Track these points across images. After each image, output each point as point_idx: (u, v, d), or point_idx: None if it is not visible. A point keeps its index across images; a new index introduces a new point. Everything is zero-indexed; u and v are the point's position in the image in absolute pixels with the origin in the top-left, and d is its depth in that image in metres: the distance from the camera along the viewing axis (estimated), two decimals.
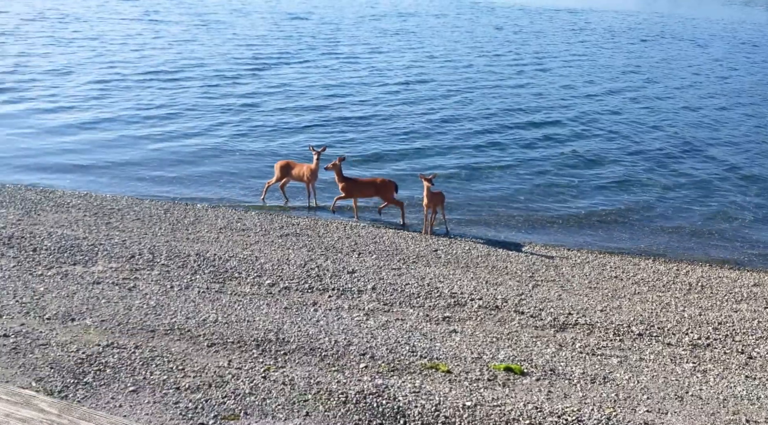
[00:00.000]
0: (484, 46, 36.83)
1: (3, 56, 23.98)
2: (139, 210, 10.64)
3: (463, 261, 9.73)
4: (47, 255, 8.28)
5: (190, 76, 22.66)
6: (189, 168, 13.52)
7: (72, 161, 13.35)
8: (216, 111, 18.23)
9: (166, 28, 36.31)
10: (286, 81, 22.99)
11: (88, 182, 12.30)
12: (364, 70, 26.51)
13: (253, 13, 51.32)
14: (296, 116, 18.33)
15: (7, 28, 31.50)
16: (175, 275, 8.07)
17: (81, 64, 23.37)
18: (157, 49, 27.86)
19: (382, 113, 19.31)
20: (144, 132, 15.70)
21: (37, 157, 13.45)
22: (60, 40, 28.98)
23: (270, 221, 10.80)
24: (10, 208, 10.13)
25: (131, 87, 20.34)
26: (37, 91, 18.88)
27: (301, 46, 32.51)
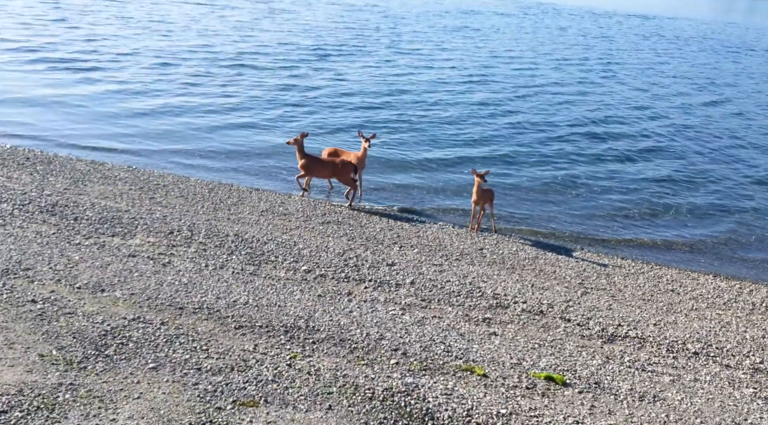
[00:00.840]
0: (548, 48, 35.96)
1: (72, 36, 24.63)
2: (184, 188, 10.57)
3: (509, 262, 9.28)
4: (87, 225, 8.23)
5: (251, 63, 22.74)
6: (240, 153, 13.43)
7: (125, 143, 13.34)
8: (274, 100, 18.14)
9: (231, 14, 36.74)
10: (345, 73, 22.87)
11: (138, 161, 12.32)
12: (425, 65, 26.22)
13: (316, 3, 51.54)
14: (353, 108, 18.13)
15: (79, 7, 32.40)
16: (211, 254, 7.90)
17: (145, 48, 23.75)
18: (220, 36, 28.14)
19: (439, 109, 18.97)
20: (200, 119, 15.70)
21: (95, 138, 13.57)
22: (127, 22, 29.64)
23: (313, 207, 10.57)
24: (59, 177, 10.19)
25: (193, 73, 20.46)
26: (101, 71, 19.14)
27: (363, 38, 32.41)
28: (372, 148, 11.19)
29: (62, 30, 24.94)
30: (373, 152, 13.58)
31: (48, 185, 9.64)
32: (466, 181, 12.41)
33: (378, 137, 14.03)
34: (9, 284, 6.29)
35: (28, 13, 28.40)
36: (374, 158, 13.57)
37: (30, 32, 23.67)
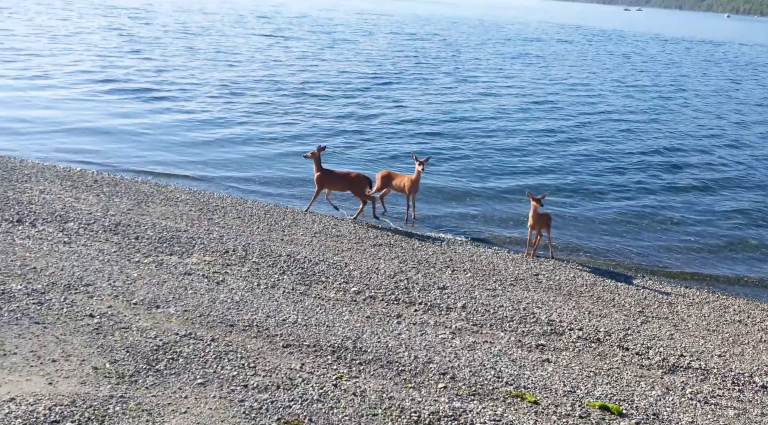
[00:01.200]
0: (613, 74, 35.40)
1: (145, 67, 25.82)
2: (241, 209, 10.80)
3: (566, 288, 9.02)
4: (147, 244, 8.49)
5: (313, 92, 23.20)
6: (298, 179, 13.50)
7: (187, 169, 13.66)
8: (333, 128, 18.38)
9: (296, 45, 37.81)
10: (405, 100, 23.09)
11: (199, 185, 12.64)
12: (485, 92, 26.18)
13: (377, 33, 52.45)
14: (412, 135, 18.18)
15: (150, 39, 34.03)
16: (263, 273, 8.00)
17: (212, 78, 24.65)
18: (284, 67, 28.96)
19: (500, 136, 18.82)
20: (261, 147, 16.04)
21: (160, 164, 14.05)
22: (196, 53, 30.89)
23: (365, 229, 10.61)
24: (123, 198, 10.59)
25: (256, 102, 20.99)
26: (169, 101, 19.85)
27: (423, 66, 32.78)
28: (430, 174, 11.19)
29: (135, 61, 26.17)
30: (432, 178, 13.64)
31: (113, 206, 10.02)
32: (526, 210, 12.21)
33: (437, 164, 14.03)
34: (70, 298, 6.52)
35: (106, 45, 29.99)
36: (432, 185, 13.59)
37: (105, 63, 24.93)
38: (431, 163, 11.60)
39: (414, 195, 11.40)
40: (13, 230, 8.39)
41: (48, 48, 27.32)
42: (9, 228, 8.45)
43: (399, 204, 11.99)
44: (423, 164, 10.97)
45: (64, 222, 8.92)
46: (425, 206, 12.32)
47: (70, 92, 19.48)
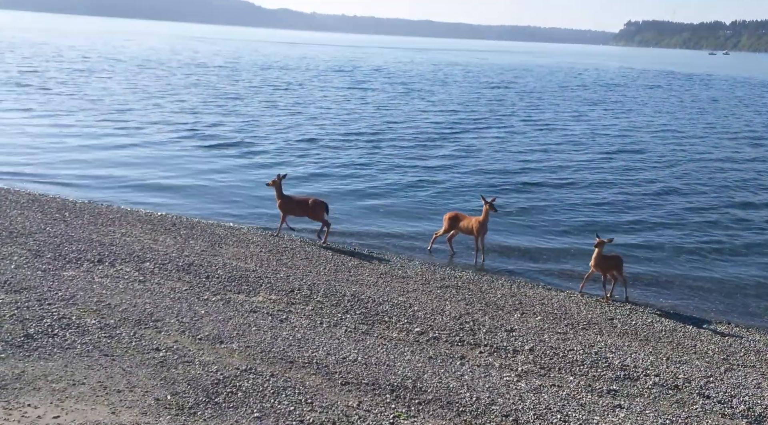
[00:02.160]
0: (699, 119, 34.20)
1: (235, 116, 27.10)
2: (309, 250, 10.95)
3: (643, 333, 8.53)
4: (217, 283, 8.72)
5: (390, 140, 23.46)
6: (365, 220, 13.67)
7: (260, 216, 14.00)
8: (407, 172, 18.50)
9: (372, 95, 38.76)
10: (482, 146, 23.03)
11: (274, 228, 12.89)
12: (565, 138, 25.74)
13: (453, 82, 53.07)
14: (492, 179, 18.05)
15: (236, 93, 35.76)
16: (327, 312, 8.02)
17: (290, 128, 25.52)
18: (361, 115, 29.66)
19: (576, 178, 18.39)
20: (338, 188, 16.33)
21: (235, 207, 14.50)
22: (279, 105, 32.18)
23: (432, 271, 10.49)
24: (198, 240, 10.97)
25: (333, 148, 21.52)
26: (253, 154, 20.52)
27: (499, 113, 32.74)
28: (508, 219, 10.99)
29: (221, 116, 27.40)
30: (507, 223, 13.48)
31: (188, 247, 10.39)
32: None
33: (517, 214, 13.81)
34: (139, 333, 6.74)
35: (193, 100, 31.72)
36: (507, 223, 13.41)
37: (194, 118, 26.24)
38: (500, 205, 11.42)
39: (483, 237, 11.22)
40: (94, 270, 8.82)
41: (142, 104, 29.14)
42: (90, 268, 8.89)
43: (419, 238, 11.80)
44: (491, 204, 10.84)
45: (141, 262, 9.31)
46: (497, 252, 12.07)
47: (160, 145, 20.57)
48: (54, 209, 11.99)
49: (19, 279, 7.96)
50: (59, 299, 7.44)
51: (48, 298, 7.43)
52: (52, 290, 7.73)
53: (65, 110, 26.05)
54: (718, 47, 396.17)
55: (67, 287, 7.92)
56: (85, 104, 27.88)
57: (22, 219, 10.96)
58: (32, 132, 20.99)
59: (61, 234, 10.28)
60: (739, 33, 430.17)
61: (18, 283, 7.82)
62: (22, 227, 10.40)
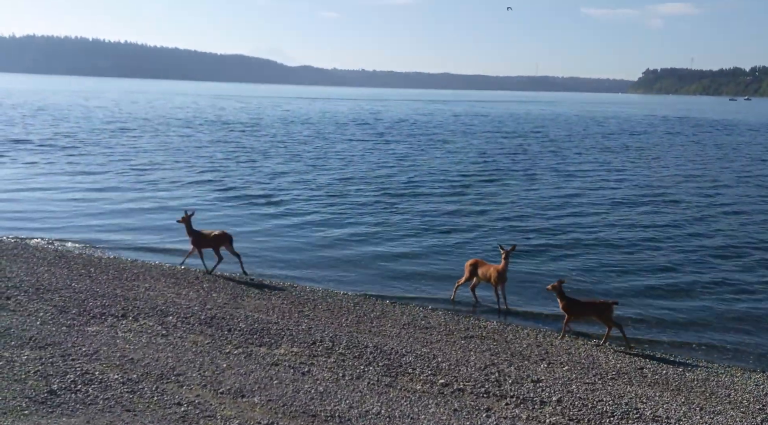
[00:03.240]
0: (725, 165, 33.95)
1: (261, 170, 27.52)
2: (331, 301, 10.91)
3: (674, 383, 8.27)
4: (239, 335, 8.69)
5: (415, 190, 23.50)
6: (392, 275, 13.51)
7: (285, 269, 13.98)
8: (437, 219, 18.50)
9: (395, 147, 39.15)
10: (508, 193, 23.00)
11: (297, 280, 12.87)
12: (590, 185, 25.53)
13: (475, 132, 53.53)
14: (517, 227, 17.86)
15: (261, 148, 36.41)
16: (349, 364, 7.92)
17: (313, 180, 25.77)
18: (385, 165, 29.95)
19: (608, 228, 18.07)
20: (361, 246, 16.20)
21: (263, 261, 14.55)
22: (301, 158, 32.65)
23: (456, 321, 10.35)
24: (221, 293, 11.01)
25: (361, 202, 21.45)
26: (278, 206, 20.72)
27: (524, 161, 32.85)
28: (533, 265, 10.80)
29: (247, 170, 27.84)
30: (530, 270, 13.34)
31: (210, 300, 10.42)
32: (635, 309, 11.62)
33: (547, 263, 13.66)
34: (161, 387, 6.71)
35: (219, 155, 32.34)
36: (532, 271, 13.31)
37: (222, 174, 26.66)
38: (517, 252, 11.29)
39: (502, 285, 11.09)
40: (117, 324, 8.87)
41: (170, 161, 29.75)
42: (114, 322, 8.94)
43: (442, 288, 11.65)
44: (509, 253, 10.75)
45: (164, 316, 9.34)
46: (522, 298, 11.91)
47: (187, 199, 20.88)
48: (80, 265, 12.16)
49: (44, 335, 8.03)
50: (83, 355, 7.46)
51: (72, 354, 7.46)
52: (76, 345, 7.77)
53: (95, 169, 26.66)
54: (739, 93, 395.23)
55: (91, 342, 7.96)
56: (115, 163, 28.54)
57: (48, 276, 11.12)
58: (62, 190, 21.48)
59: (86, 290, 10.40)
60: (760, 79, 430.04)
61: (43, 339, 7.88)
62: (49, 283, 10.55)
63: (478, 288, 11.63)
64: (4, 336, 7.85)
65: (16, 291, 9.96)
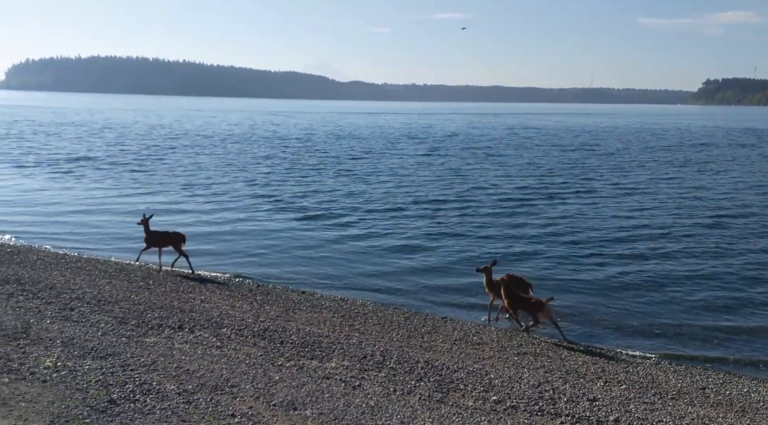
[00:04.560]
0: None
1: (314, 185, 27.91)
2: (382, 316, 10.91)
3: (739, 404, 7.93)
4: (290, 348, 8.78)
5: (472, 204, 23.19)
6: (445, 287, 13.45)
7: (334, 281, 14.16)
8: (494, 236, 18.16)
9: (449, 161, 39.01)
10: (567, 209, 22.43)
11: (347, 293, 12.93)
12: (655, 201, 24.64)
13: (530, 146, 52.89)
14: (574, 245, 17.28)
15: (315, 164, 36.86)
16: (400, 379, 7.88)
17: (370, 195, 25.90)
18: (441, 180, 29.83)
19: (675, 245, 17.35)
20: (414, 259, 16.26)
21: (310, 276, 14.70)
22: (356, 173, 32.92)
23: (509, 337, 10.20)
24: (273, 306, 11.15)
25: (416, 213, 21.54)
26: (330, 219, 20.92)
27: (583, 176, 32.07)
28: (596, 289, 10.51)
29: (301, 185, 28.27)
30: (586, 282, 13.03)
31: (263, 313, 10.57)
32: (698, 326, 11.23)
33: (615, 287, 13.34)
34: (215, 399, 6.81)
35: (274, 171, 32.94)
36: (591, 289, 13.15)
37: (273, 188, 27.18)
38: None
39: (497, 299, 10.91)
40: (174, 336, 9.07)
41: (228, 176, 30.49)
42: (171, 334, 9.16)
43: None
44: (488, 267, 10.98)
45: (218, 328, 9.52)
46: (579, 319, 11.65)
47: (244, 214, 21.33)
48: (139, 278, 12.53)
49: (104, 345, 8.28)
50: (141, 365, 7.66)
51: (131, 364, 7.67)
52: (135, 356, 7.98)
53: (155, 185, 27.52)
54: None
55: (149, 353, 8.16)
56: (174, 179, 29.40)
57: (109, 288, 11.50)
58: (125, 206, 22.23)
59: (145, 301, 10.69)
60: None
61: (104, 349, 8.13)
62: (110, 295, 10.90)
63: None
64: (67, 346, 8.14)
65: (79, 303, 10.32)
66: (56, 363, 7.41)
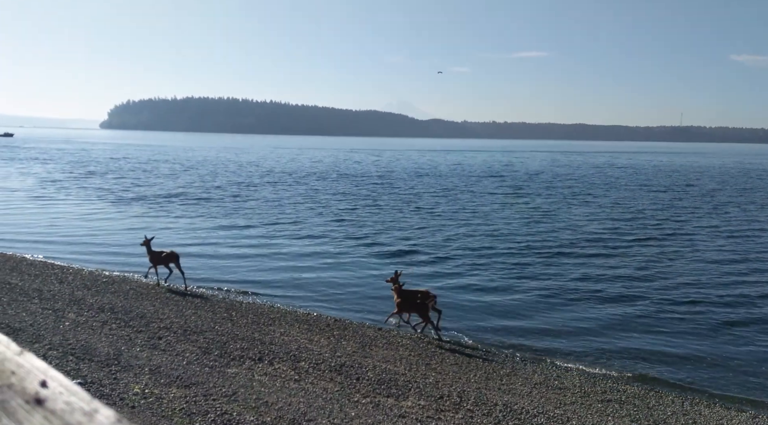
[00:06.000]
0: None
1: (396, 223, 28.12)
2: (459, 356, 10.74)
3: None
4: (367, 384, 8.77)
5: (561, 247, 22.37)
6: (530, 325, 13.22)
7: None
8: (588, 279, 17.37)
9: (533, 201, 38.21)
10: (666, 253, 21.32)
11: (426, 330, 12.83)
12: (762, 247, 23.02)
13: (619, 186, 51.31)
14: (674, 289, 16.40)
15: (396, 203, 37.15)
16: (477, 421, 7.70)
17: (455, 231, 25.79)
18: (526, 220, 29.31)
19: None
20: (502, 299, 16.05)
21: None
22: (433, 215, 32.95)
23: (592, 382, 9.79)
24: (350, 341, 11.21)
25: (502, 254, 20.99)
26: (416, 256, 21.01)
27: (680, 218, 30.58)
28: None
29: (383, 223, 28.54)
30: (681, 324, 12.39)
31: (340, 348, 10.64)
32: None
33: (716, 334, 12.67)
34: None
35: (355, 207, 33.45)
36: (688, 331, 12.48)
37: (354, 225, 27.58)
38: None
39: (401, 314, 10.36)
40: (254, 367, 9.27)
41: (312, 212, 31.22)
42: (251, 365, 9.36)
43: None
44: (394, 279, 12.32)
45: (296, 361, 9.65)
46: (667, 361, 11.08)
47: (326, 249, 21.71)
48: (222, 309, 12.92)
49: (189, 374, 8.56)
50: (222, 395, 7.86)
51: (213, 394, 7.88)
52: (217, 386, 8.20)
53: (245, 219, 28.47)
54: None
55: (230, 383, 8.37)
56: (262, 214, 30.37)
57: (195, 318, 11.92)
58: (214, 239, 23.10)
59: (228, 332, 11.00)
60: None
61: (188, 378, 8.40)
62: (195, 326, 11.29)
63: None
64: (155, 374, 8.47)
65: (167, 332, 10.74)
66: (144, 390, 7.72)
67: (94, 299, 12.80)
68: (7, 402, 1.06)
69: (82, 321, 11.00)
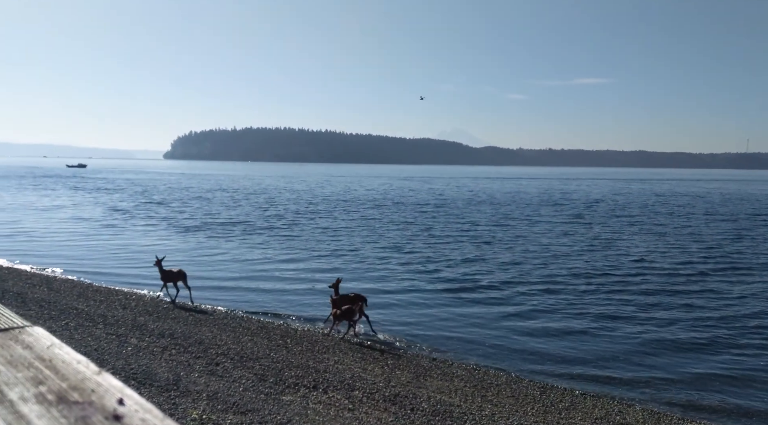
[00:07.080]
0: None
1: (452, 251, 27.94)
2: (516, 388, 10.50)
3: None
4: (421, 416, 8.66)
5: (628, 278, 21.57)
6: (597, 358, 12.85)
7: (469, 349, 13.93)
8: (659, 316, 16.49)
9: (594, 229, 37.20)
10: (739, 289, 20.17)
11: (481, 360, 12.66)
12: None
13: (684, 215, 49.59)
14: (747, 329, 15.26)
15: (451, 232, 36.94)
16: None
17: (515, 261, 25.42)
18: (589, 250, 28.66)
19: None
20: (568, 323, 15.74)
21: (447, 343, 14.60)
22: (496, 243, 32.54)
23: (656, 419, 9.39)
24: (404, 371, 11.13)
25: (566, 287, 20.39)
26: (479, 283, 20.84)
27: (753, 250, 29.18)
28: None
29: (439, 252, 28.47)
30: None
31: (394, 377, 10.57)
32: None
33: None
34: None
35: (411, 237, 33.46)
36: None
37: (411, 254, 27.57)
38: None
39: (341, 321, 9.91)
40: (309, 395, 9.29)
41: (365, 240, 31.40)
42: (306, 393, 9.39)
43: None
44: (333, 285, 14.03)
45: (350, 390, 9.63)
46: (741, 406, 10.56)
47: (377, 275, 21.75)
48: (278, 336, 13.06)
49: (245, 401, 8.64)
50: (278, 423, 7.89)
51: (268, 421, 7.93)
52: (272, 413, 8.25)
53: (301, 249, 28.83)
54: None
55: (285, 411, 8.40)
56: (319, 244, 30.72)
57: (251, 345, 12.08)
58: (271, 266, 23.49)
59: (283, 360, 11.10)
60: None
61: (244, 405, 8.48)
62: (251, 352, 11.43)
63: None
64: (212, 400, 8.59)
65: (224, 358, 10.91)
66: (202, 416, 7.84)
67: (155, 324, 13.15)
68: (88, 418, 1.15)
69: (143, 346, 11.30)
